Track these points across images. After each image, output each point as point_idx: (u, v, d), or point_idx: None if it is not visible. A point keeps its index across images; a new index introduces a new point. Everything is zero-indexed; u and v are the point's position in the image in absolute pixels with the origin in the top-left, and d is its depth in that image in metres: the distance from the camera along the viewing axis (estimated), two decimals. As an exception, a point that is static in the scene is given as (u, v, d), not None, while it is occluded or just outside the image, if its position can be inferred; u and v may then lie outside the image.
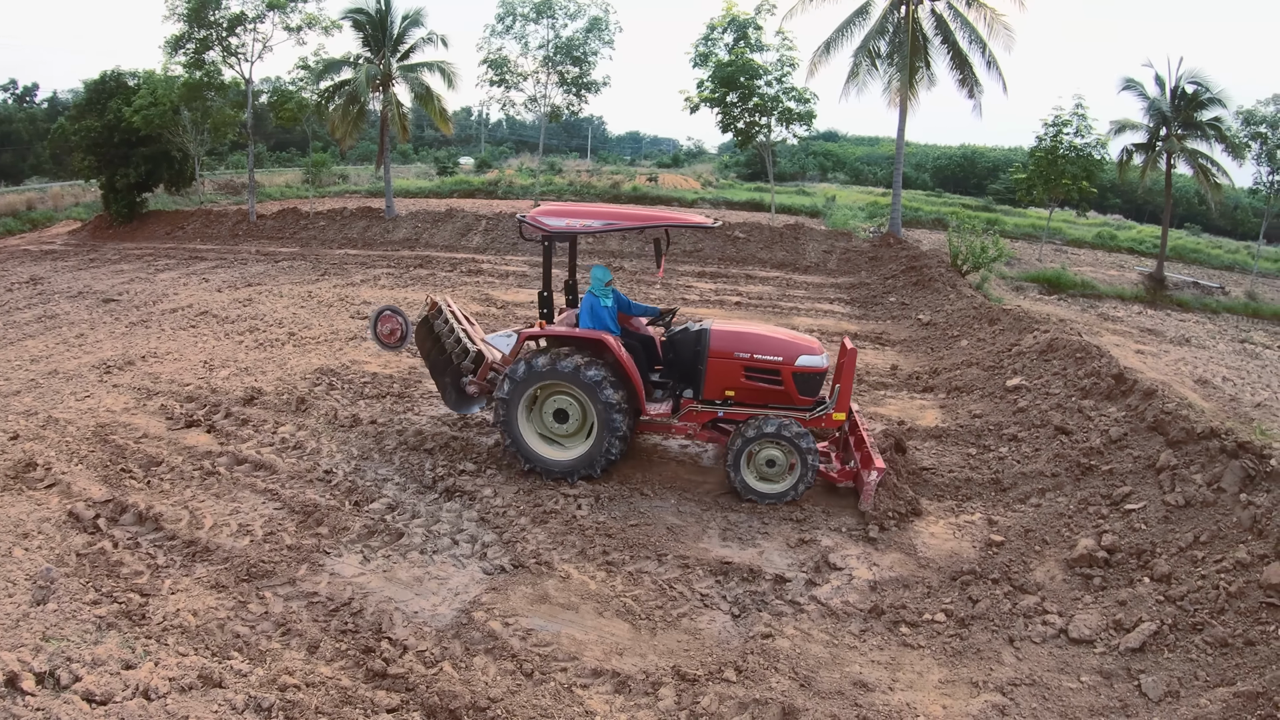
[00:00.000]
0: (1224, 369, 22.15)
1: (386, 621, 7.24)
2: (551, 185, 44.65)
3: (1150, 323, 28.90)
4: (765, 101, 32.93)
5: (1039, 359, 14.71)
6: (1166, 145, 35.27)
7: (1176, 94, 35.23)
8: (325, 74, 36.30)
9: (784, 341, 10.45)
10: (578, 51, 36.47)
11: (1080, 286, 33.06)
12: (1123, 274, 38.47)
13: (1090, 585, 8.36)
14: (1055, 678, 7.11)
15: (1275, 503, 8.16)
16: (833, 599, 8.16)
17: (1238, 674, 6.68)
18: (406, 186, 45.53)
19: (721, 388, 10.40)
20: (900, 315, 22.33)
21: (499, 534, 8.94)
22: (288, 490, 9.61)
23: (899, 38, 31.46)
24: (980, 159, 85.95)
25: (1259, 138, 37.84)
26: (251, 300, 20.45)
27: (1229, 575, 7.65)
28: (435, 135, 78.99)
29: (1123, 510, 9.34)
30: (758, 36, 32.61)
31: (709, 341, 10.35)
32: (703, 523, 9.57)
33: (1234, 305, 35.12)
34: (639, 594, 8.02)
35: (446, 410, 12.41)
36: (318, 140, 50.38)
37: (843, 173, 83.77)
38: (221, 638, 6.87)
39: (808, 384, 10.34)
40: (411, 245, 32.26)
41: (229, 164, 55.61)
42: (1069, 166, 35.95)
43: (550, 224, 10.13)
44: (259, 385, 12.96)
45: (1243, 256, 48.57)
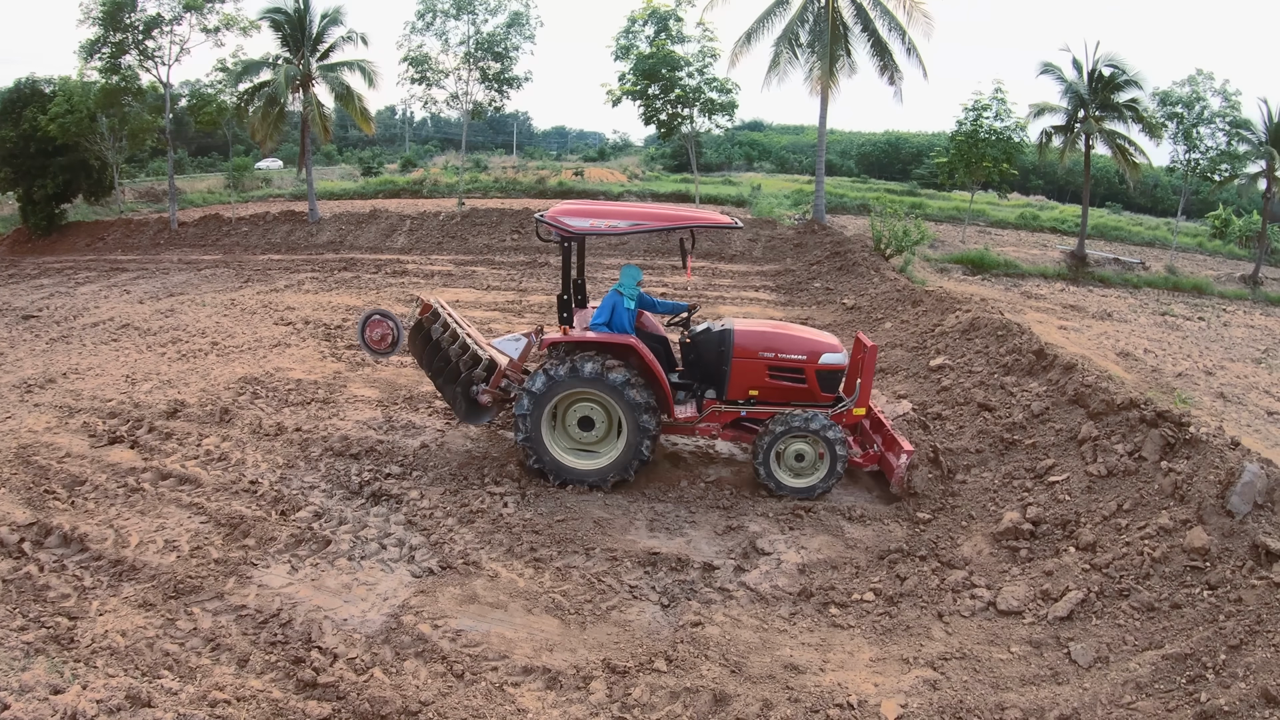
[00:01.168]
0: (1145, 341, 22.70)
1: (316, 631, 7.16)
2: (477, 183, 44.31)
3: (1073, 299, 29.47)
4: (687, 93, 33.08)
5: (961, 338, 14.93)
6: (1084, 127, 35.95)
7: (1094, 77, 35.92)
8: (244, 76, 35.58)
9: (807, 340, 10.52)
10: (499, 47, 36.09)
11: (1003, 266, 33.63)
12: (1045, 253, 39.17)
13: (1017, 557, 8.58)
14: (985, 650, 7.27)
15: (1195, 469, 8.41)
16: (762, 584, 8.25)
17: (1165, 636, 6.91)
18: (331, 189, 44.87)
19: (746, 387, 10.37)
20: (825, 300, 22.60)
21: (426, 536, 8.87)
22: (213, 503, 9.42)
23: (819, 26, 31.72)
24: (904, 144, 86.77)
25: (1175, 118, 38.59)
26: (174, 311, 20.07)
27: (1152, 541, 7.90)
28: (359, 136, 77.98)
29: (1047, 483, 9.59)
30: (679, 28, 32.77)
31: (733, 341, 10.29)
32: (630, 515, 9.60)
33: (1154, 280, 35.93)
34: (567, 589, 8.04)
35: (371, 415, 12.31)
36: (239, 144, 49.50)
37: (768, 162, 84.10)
38: (151, 657, 6.74)
39: (829, 381, 10.43)
40: (336, 248, 31.88)
41: (149, 171, 54.37)
42: (989, 150, 36.54)
43: (573, 225, 9.88)
44: (182, 397, 12.69)
45: (1163, 233, 49.66)
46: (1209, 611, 6.94)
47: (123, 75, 35.65)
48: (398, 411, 12.58)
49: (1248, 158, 39.63)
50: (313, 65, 35.56)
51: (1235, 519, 7.63)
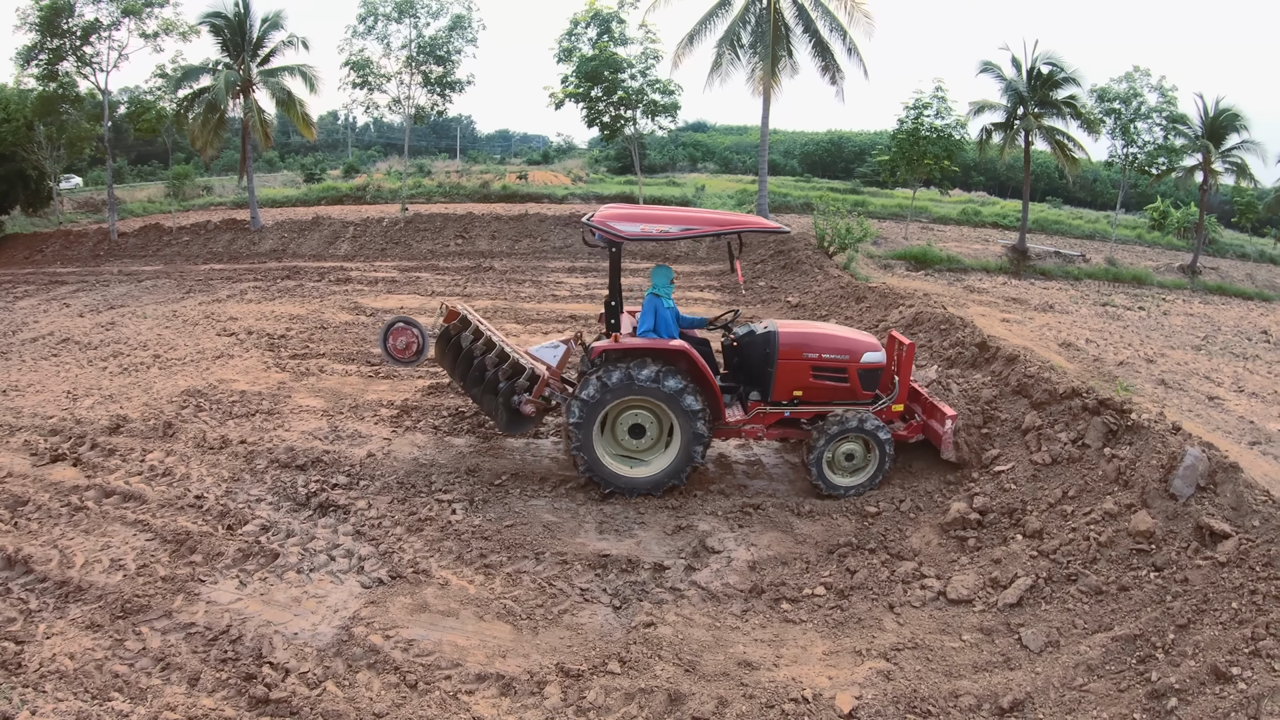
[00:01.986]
0: (1087, 331, 22.93)
1: (266, 646, 7.06)
2: (420, 188, 43.96)
3: (1015, 292, 29.77)
4: (630, 95, 33.11)
5: (905, 333, 14.93)
6: (1024, 123, 36.44)
7: (1032, 75, 36.43)
8: (183, 82, 35.03)
9: (848, 339, 10.64)
10: (441, 50, 35.88)
11: (946, 261, 33.99)
12: (987, 247, 39.64)
13: (965, 547, 8.74)
14: (937, 639, 7.38)
15: (1138, 454, 8.63)
16: (713, 582, 8.30)
17: (1114, 619, 7.08)
18: (273, 196, 44.19)
19: (791, 388, 10.42)
20: (770, 299, 22.77)
21: (375, 546, 8.80)
22: (159, 520, 9.25)
23: (761, 27, 31.93)
24: (847, 143, 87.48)
25: (1113, 113, 39.35)
26: (114, 323, 19.68)
27: (1098, 526, 8.09)
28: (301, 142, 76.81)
29: (993, 472, 9.75)
30: (621, 30, 32.79)
31: (778, 343, 10.32)
32: (579, 518, 9.60)
33: (1095, 271, 36.54)
34: (519, 594, 8.03)
35: (316, 425, 12.20)
36: (180, 152, 48.68)
37: (712, 162, 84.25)
38: (100, 679, 6.63)
39: (870, 379, 10.54)
40: (278, 256, 31.50)
41: (89, 180, 53.29)
42: (930, 147, 36.96)
43: (624, 229, 9.73)
44: (124, 412, 12.46)
45: (1102, 225, 50.47)
46: (1156, 593, 7.12)
47: (60, 82, 34.88)
48: (343, 421, 12.45)
49: (1184, 151, 40.44)
50: (253, 70, 34.99)
51: (1179, 502, 7.84)
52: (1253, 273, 44.40)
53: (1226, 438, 12.21)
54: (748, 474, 11.09)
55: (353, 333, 18.18)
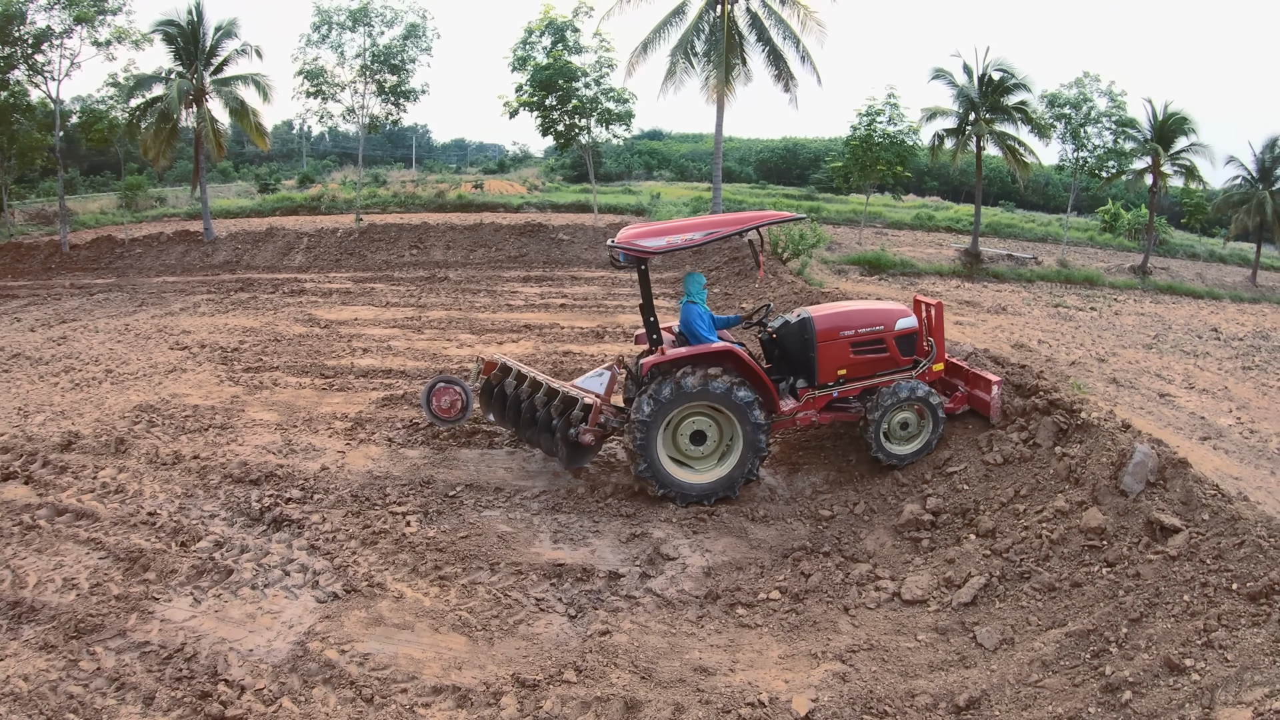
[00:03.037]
0: (1039, 332, 23.41)
1: (221, 663, 7.00)
2: (376, 198, 43.71)
3: (968, 295, 30.31)
4: (584, 103, 33.15)
5: None
6: (975, 129, 37.04)
7: (984, 81, 37.12)
8: (136, 90, 34.53)
9: (879, 311, 10.85)
10: (395, 59, 35.71)
11: (900, 266, 34.40)
12: (941, 251, 40.17)
13: (919, 548, 8.87)
14: (893, 639, 7.46)
15: (1088, 452, 8.81)
16: (668, 589, 8.34)
17: (1068, 615, 7.20)
18: (227, 206, 43.85)
19: (835, 368, 10.57)
20: (724, 305, 22.80)
21: (330, 560, 8.73)
22: (111, 537, 9.12)
23: (715, 36, 32.17)
24: (802, 150, 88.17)
25: (1063, 118, 40.03)
26: (66, 338, 19.38)
27: (1050, 524, 8.25)
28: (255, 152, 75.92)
29: (945, 473, 9.90)
30: (575, 39, 32.81)
31: (815, 328, 10.49)
32: (533, 528, 9.60)
33: (1047, 274, 37.20)
34: (474, 605, 8.02)
35: (270, 438, 12.11)
36: (133, 162, 47.99)
37: (668, 170, 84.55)
38: (55, 700, 6.54)
39: (907, 344, 10.71)
40: (232, 268, 31.17)
41: (40, 191, 52.35)
42: (883, 153, 37.34)
43: (649, 245, 9.76)
44: (76, 429, 12.27)
45: (1054, 228, 51.34)
46: (1108, 588, 7.25)
47: (11, 91, 34.19)
48: (297, 434, 12.35)
49: (1134, 155, 41.23)
50: (206, 79, 34.63)
51: (1129, 498, 8.02)
52: (1202, 272, 45.33)
53: (1178, 434, 12.44)
54: (702, 480, 11.12)
55: (307, 345, 18.02)
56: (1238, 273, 47.63)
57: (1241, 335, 27.66)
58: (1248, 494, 8.24)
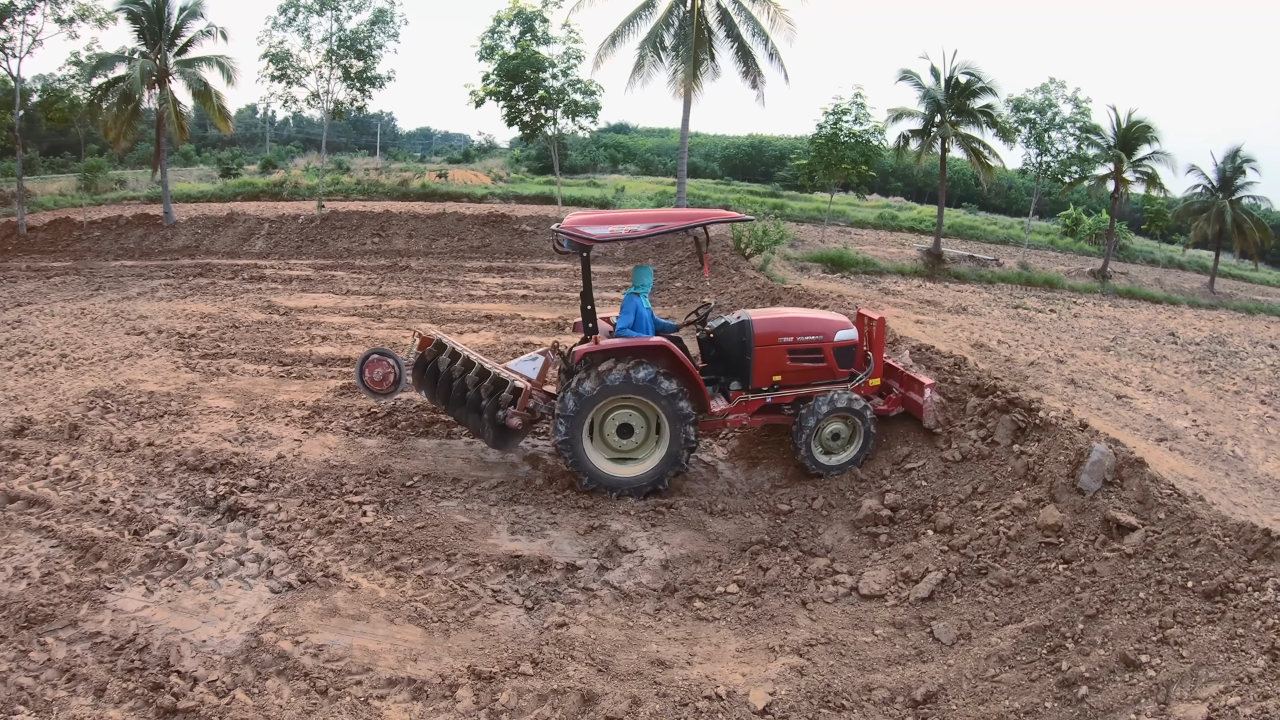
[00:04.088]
0: (999, 333, 23.48)
1: (174, 654, 6.88)
2: (339, 184, 43.25)
3: (929, 295, 30.39)
4: (551, 94, 32.93)
5: None
6: (941, 131, 37.21)
7: (951, 83, 37.26)
8: (98, 70, 33.98)
9: (820, 320, 10.88)
10: (362, 44, 35.37)
11: (862, 264, 34.51)
12: (903, 251, 40.38)
13: (877, 543, 8.94)
14: (850, 634, 7.50)
15: (1046, 450, 8.91)
16: (625, 582, 8.35)
17: (1024, 610, 7.29)
18: (188, 191, 43.14)
19: (770, 373, 10.56)
20: (686, 299, 23.02)
21: (285, 550, 8.61)
22: (63, 525, 8.93)
23: (684, 30, 32.19)
24: (768, 147, 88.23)
25: (1028, 123, 40.40)
26: (21, 321, 19.02)
27: (1008, 520, 8.34)
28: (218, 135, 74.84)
29: (904, 470, 9.99)
30: (544, 29, 32.55)
31: (754, 331, 10.47)
32: (490, 519, 9.55)
33: (1008, 275, 37.49)
34: (430, 597, 7.95)
35: (226, 426, 11.97)
36: (93, 144, 47.32)
37: (633, 164, 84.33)
38: (4, 692, 6.38)
39: (846, 356, 10.70)
40: (191, 253, 30.85)
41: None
42: (848, 152, 37.48)
43: (593, 233, 9.75)
44: (29, 414, 12.05)
45: (1016, 231, 51.85)
46: (1065, 584, 7.34)
47: (-30, 68, 33.48)
48: (253, 422, 12.20)
49: (1097, 161, 41.60)
50: (170, 60, 34.13)
51: (1086, 496, 8.13)
52: (1161, 278, 45.85)
53: (1134, 435, 12.54)
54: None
55: (265, 332, 17.86)
56: (1195, 279, 48.21)
57: (1198, 340, 27.97)
58: (1203, 494, 8.30)
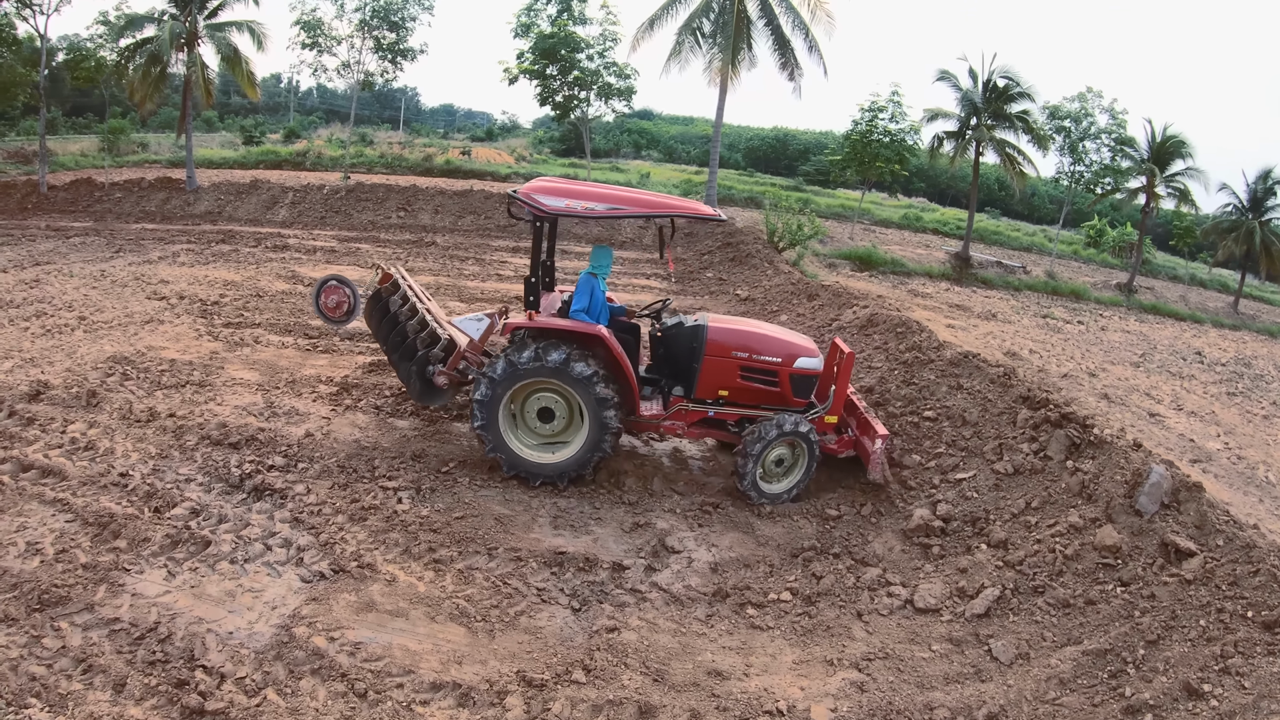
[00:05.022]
0: (1030, 342, 23.26)
1: (199, 647, 6.39)
2: (362, 157, 42.92)
3: (958, 299, 30.21)
4: (585, 75, 32.63)
5: (860, 333, 14.89)
6: (976, 134, 36.90)
7: (988, 87, 36.97)
8: (126, 31, 33.70)
9: (782, 342, 10.03)
10: (395, 16, 34.98)
11: (890, 264, 34.25)
12: (929, 253, 40.14)
13: (930, 554, 8.59)
14: (907, 649, 7.20)
15: (1100, 469, 8.58)
16: (674, 584, 7.97)
17: (1083, 633, 7.02)
18: (210, 156, 42.84)
19: (716, 387, 9.89)
20: (718, 291, 22.56)
21: (315, 535, 8.13)
22: (80, 499, 8.44)
23: (724, 18, 31.78)
24: (793, 140, 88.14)
25: (1063, 131, 40.06)
26: (39, 281, 18.59)
27: (1063, 539, 8.03)
28: (242, 103, 75.12)
29: (953, 480, 9.60)
30: (581, 9, 32.34)
31: (706, 338, 9.79)
32: (532, 511, 9.10)
33: (1034, 283, 37.26)
34: (472, 593, 7.50)
35: (251, 399, 11.52)
36: (116, 105, 46.94)
37: (656, 151, 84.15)
38: (16, 682, 5.89)
39: (804, 385, 10.00)
40: (214, 219, 30.48)
41: (21, 130, 51.12)
42: (883, 150, 37.10)
43: (547, 204, 9.22)
44: (46, 378, 11.53)
45: (1039, 239, 51.63)
46: (1124, 608, 7.10)
47: (-3, 23, 33.27)
48: (279, 396, 11.71)
49: (1129, 173, 41.23)
50: (199, 23, 33.76)
51: (1144, 518, 7.87)
52: (1185, 295, 45.61)
53: (1169, 455, 12.24)
54: (704, 470, 10.72)
55: (289, 303, 17.38)
56: (1219, 298, 48.18)
57: (1224, 360, 27.93)
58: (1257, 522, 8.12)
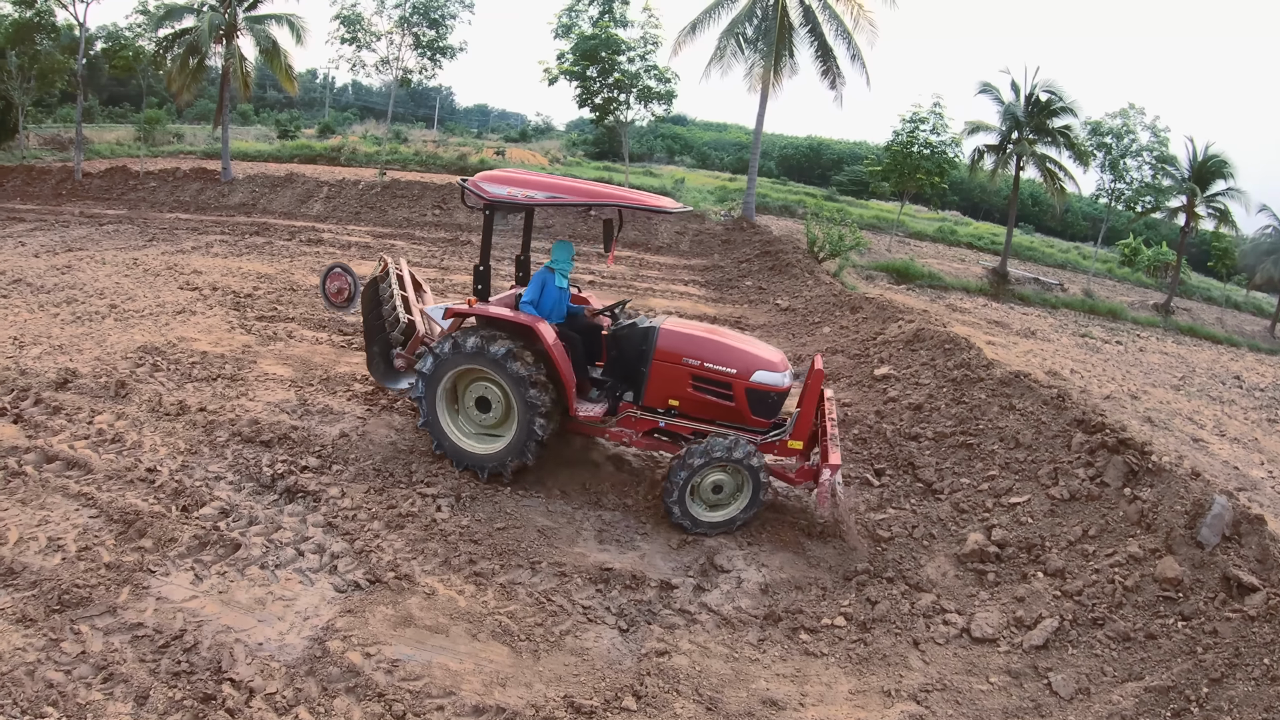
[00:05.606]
0: (1070, 361, 22.89)
1: (227, 658, 6.03)
2: (397, 154, 42.88)
3: (996, 315, 29.82)
4: (626, 78, 32.33)
5: (905, 348, 14.51)
6: (1017, 148, 36.48)
7: (1030, 100, 36.53)
8: (165, 21, 33.79)
9: (740, 352, 9.24)
10: (435, 13, 35.05)
11: (928, 278, 33.88)
12: (965, 267, 39.83)
13: (984, 581, 8.23)
14: (965, 680, 6.88)
15: (1159, 497, 8.25)
16: (724, 605, 7.57)
17: (1144, 668, 6.73)
18: (245, 149, 42.98)
19: (665, 395, 9.29)
20: (758, 300, 22.18)
21: (350, 542, 7.78)
22: (105, 493, 8.13)
23: (766, 24, 31.48)
24: (826, 150, 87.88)
25: (1104, 148, 39.60)
26: (71, 267, 18.47)
27: (1123, 569, 7.71)
28: (277, 97, 75.55)
29: (1006, 504, 9.23)
30: (623, 12, 32.08)
31: (655, 342, 9.21)
32: (576, 523, 8.71)
33: (1071, 301, 36.85)
34: (515, 610, 7.12)
35: (284, 396, 11.21)
36: (153, 96, 47.26)
37: (689, 156, 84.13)
38: (32, 688, 5.56)
39: (762, 403, 9.20)
40: (248, 211, 30.45)
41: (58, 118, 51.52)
42: (924, 162, 36.76)
43: (491, 191, 9.09)
44: (74, 366, 11.28)
45: (1073, 256, 51.27)
46: (1186, 643, 6.81)
47: (37, 10, 33.68)
48: (313, 394, 11.36)
49: (1170, 192, 40.73)
50: (239, 15, 33.83)
51: (1205, 550, 7.55)
52: (1222, 317, 45.10)
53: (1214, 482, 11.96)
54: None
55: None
56: (1255, 322, 47.67)
57: (1263, 386, 27.44)
58: None
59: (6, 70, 34.37)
